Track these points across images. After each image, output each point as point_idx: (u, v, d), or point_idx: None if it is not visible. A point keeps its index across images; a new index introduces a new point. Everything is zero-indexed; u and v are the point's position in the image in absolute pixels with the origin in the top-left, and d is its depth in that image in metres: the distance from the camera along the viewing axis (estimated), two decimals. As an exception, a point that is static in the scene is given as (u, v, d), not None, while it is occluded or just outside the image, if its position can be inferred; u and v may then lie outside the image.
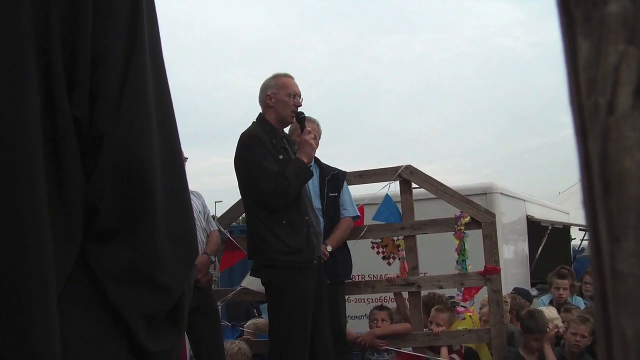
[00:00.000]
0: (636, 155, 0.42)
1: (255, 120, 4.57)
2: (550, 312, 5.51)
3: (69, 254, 1.06)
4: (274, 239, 4.25)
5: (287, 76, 4.60)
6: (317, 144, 4.77)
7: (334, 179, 5.02)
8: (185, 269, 1.27)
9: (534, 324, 4.90)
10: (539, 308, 5.73)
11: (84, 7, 1.09)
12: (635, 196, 0.42)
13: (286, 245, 4.24)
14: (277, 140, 4.44)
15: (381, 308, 5.53)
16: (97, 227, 1.11)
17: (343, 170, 5.18)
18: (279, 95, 4.48)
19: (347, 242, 5.07)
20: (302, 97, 4.57)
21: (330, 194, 4.97)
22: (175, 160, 1.24)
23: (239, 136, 4.49)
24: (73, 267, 1.08)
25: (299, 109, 4.55)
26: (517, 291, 6.94)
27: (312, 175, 4.58)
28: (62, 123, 1.06)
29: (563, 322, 5.35)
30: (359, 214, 5.16)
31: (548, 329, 4.88)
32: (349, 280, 5.25)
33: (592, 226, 0.46)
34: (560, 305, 6.18)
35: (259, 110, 4.60)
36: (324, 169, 5.03)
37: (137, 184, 1.14)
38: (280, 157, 4.37)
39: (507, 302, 5.69)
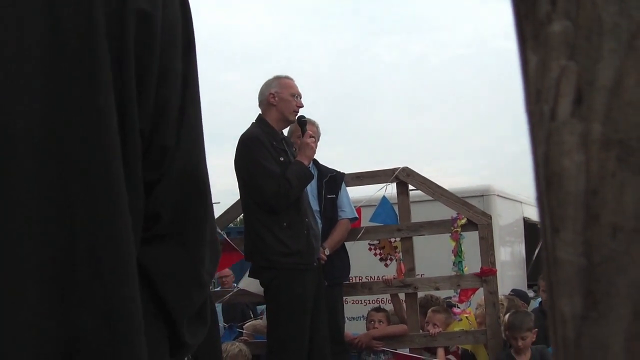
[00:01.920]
0: (574, 156, 0.48)
1: (254, 122, 4.60)
2: None
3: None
4: (274, 240, 4.28)
5: (288, 78, 4.67)
6: (316, 146, 4.82)
7: (332, 181, 5.05)
8: (214, 267, 1.35)
9: (510, 321, 4.93)
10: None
11: (155, 23, 1.15)
12: (572, 192, 0.48)
13: (286, 247, 4.27)
14: (276, 142, 4.47)
15: (378, 310, 5.57)
16: (154, 232, 1.18)
17: (341, 171, 5.22)
18: (282, 94, 4.53)
19: (345, 243, 5.11)
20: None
21: (328, 196, 5.00)
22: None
23: (237, 138, 4.54)
24: None
25: (300, 112, 4.61)
26: (516, 293, 6.98)
27: (313, 177, 4.63)
28: (131, 136, 1.12)
29: None
30: (356, 215, 5.20)
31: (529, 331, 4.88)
32: (347, 282, 5.29)
33: (541, 220, 0.52)
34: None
35: (257, 112, 4.64)
36: (322, 170, 5.06)
37: (197, 193, 1.23)
38: (281, 159, 4.40)
39: (503, 304, 5.72)
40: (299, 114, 4.61)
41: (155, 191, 1.17)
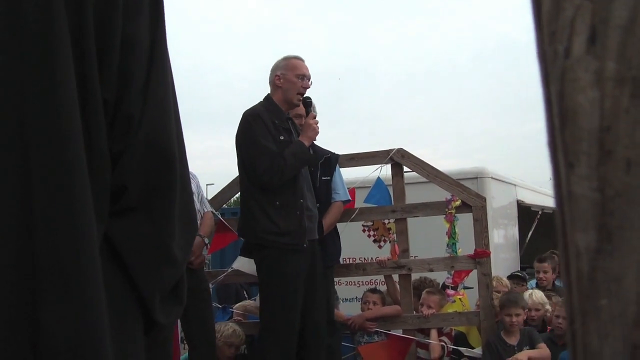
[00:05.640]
0: (588, 93, 0.49)
1: (262, 100, 4.61)
2: (536, 295, 5.59)
3: (98, 232, 1.09)
4: (265, 219, 4.30)
5: (297, 58, 4.66)
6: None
7: (327, 163, 5.04)
8: (189, 244, 1.31)
9: (506, 298, 4.99)
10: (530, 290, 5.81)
11: None
12: (586, 128, 0.49)
13: (277, 226, 4.28)
14: (280, 120, 4.48)
15: (374, 291, 5.60)
16: (120, 205, 1.15)
17: (336, 153, 5.22)
18: (288, 76, 4.53)
19: (338, 225, 5.11)
20: (311, 80, 4.62)
21: (323, 178, 4.99)
22: (180, 139, 1.28)
23: (232, 119, 4.55)
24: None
25: (306, 93, 4.60)
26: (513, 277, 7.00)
27: (312, 158, 4.62)
28: (94, 106, 1.09)
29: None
30: (349, 197, 5.20)
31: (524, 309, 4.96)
32: (340, 264, 5.30)
33: (553, 158, 0.53)
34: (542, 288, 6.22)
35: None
36: (317, 151, 5.03)
37: (163, 164, 1.19)
38: (282, 137, 4.41)
39: (507, 287, 5.78)
40: (305, 95, 4.61)
41: (120, 162, 1.14)
